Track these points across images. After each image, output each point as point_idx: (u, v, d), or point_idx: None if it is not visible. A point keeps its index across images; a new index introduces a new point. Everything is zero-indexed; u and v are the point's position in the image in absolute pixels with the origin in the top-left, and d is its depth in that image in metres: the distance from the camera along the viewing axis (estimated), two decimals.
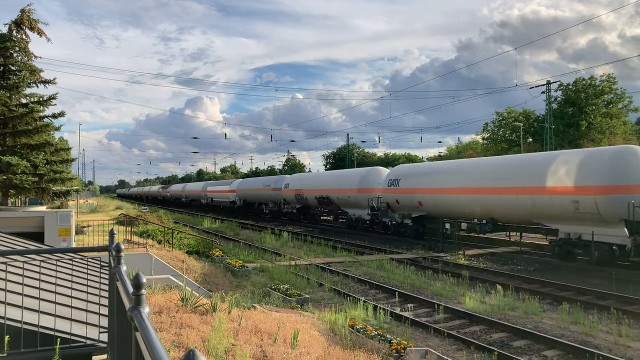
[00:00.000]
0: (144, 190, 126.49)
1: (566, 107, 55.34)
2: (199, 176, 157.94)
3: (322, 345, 8.26)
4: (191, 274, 17.00)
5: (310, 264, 20.66)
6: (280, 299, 13.85)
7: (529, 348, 10.73)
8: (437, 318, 13.02)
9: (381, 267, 19.99)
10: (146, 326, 2.07)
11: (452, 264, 20.92)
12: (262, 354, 7.11)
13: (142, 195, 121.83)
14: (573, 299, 14.28)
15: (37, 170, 22.26)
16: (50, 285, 6.42)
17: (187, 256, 20.07)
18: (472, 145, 72.40)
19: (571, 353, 10.13)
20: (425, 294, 15.79)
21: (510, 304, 13.96)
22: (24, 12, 23.09)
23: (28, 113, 22.30)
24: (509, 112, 60.83)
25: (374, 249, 25.51)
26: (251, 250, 26.18)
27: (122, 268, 3.82)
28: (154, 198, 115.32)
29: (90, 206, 67.52)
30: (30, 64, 23.49)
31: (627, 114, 55.78)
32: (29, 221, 17.50)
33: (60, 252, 8.45)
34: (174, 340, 7.06)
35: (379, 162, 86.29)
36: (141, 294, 2.44)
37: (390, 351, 9.41)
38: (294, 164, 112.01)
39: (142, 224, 28.15)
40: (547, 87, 52.36)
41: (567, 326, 12.10)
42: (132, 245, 19.56)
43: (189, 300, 9.31)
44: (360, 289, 16.61)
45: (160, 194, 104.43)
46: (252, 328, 8.47)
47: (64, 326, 5.58)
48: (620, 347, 10.59)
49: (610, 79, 53.89)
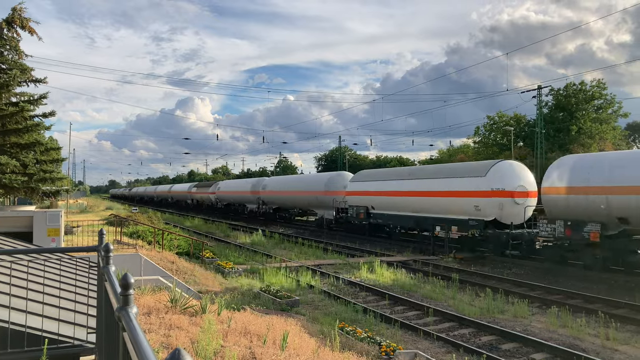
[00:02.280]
0: (138, 192, 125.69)
1: (557, 111, 55.72)
2: (190, 177, 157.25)
3: (311, 347, 8.26)
4: (181, 275, 16.93)
5: (301, 265, 20.65)
6: (270, 301, 13.83)
7: (517, 351, 10.79)
8: (427, 321, 13.05)
9: (372, 269, 20.01)
10: (133, 326, 2.07)
11: (442, 267, 21.00)
12: (251, 355, 7.09)
13: (139, 196, 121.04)
14: (562, 303, 14.37)
15: (26, 170, 22.07)
16: (38, 285, 6.38)
17: (177, 257, 20.01)
18: (463, 149, 72.62)
19: (559, 356, 10.20)
20: (415, 296, 15.84)
21: (500, 307, 14.04)
22: (15, 11, 22.91)
23: (18, 112, 22.11)
24: (500, 116, 61.14)
25: (364, 251, 25.57)
26: (241, 251, 26.13)
27: (111, 268, 3.80)
28: (149, 199, 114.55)
29: (80, 206, 67.13)
30: (21, 63, 23.29)
31: (616, 120, 56.27)
32: (17, 221, 17.37)
33: (49, 252, 8.40)
34: (162, 341, 7.03)
35: (370, 165, 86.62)
36: (129, 294, 2.43)
37: (379, 353, 9.43)
38: (285, 166, 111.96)
39: (132, 225, 28.02)
40: (538, 92, 52.72)
41: (555, 329, 12.19)
42: (122, 245, 19.47)
43: (178, 302, 9.28)
44: (350, 291, 16.63)
45: (160, 195, 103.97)
46: (242, 330, 8.45)
47: (52, 326, 5.55)
48: (608, 350, 10.68)
49: (601, 84, 54.34)
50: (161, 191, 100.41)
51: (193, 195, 73.56)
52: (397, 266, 20.49)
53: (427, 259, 22.94)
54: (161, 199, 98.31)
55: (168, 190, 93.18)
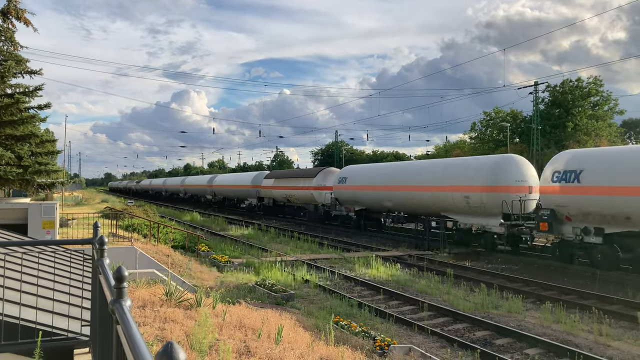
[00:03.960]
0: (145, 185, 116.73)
1: (553, 108, 55.83)
2: (186, 171, 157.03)
3: (306, 341, 8.28)
4: (176, 268, 16.93)
5: (296, 260, 20.67)
6: (265, 295, 13.84)
7: (511, 346, 10.84)
8: (422, 315, 13.09)
9: (367, 264, 20.06)
10: (127, 319, 2.06)
11: (437, 262, 21.06)
12: (245, 349, 7.11)
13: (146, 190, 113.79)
14: (556, 298, 14.43)
15: (21, 162, 21.99)
16: (33, 277, 6.36)
17: (173, 251, 20.00)
18: (459, 144, 72.72)
19: (552, 351, 10.25)
20: (410, 291, 15.88)
21: (494, 303, 14.09)
22: (10, 2, 22.76)
23: (13, 104, 21.98)
24: (496, 112, 61.24)
25: (360, 246, 25.61)
26: (237, 245, 26.13)
27: (105, 261, 3.80)
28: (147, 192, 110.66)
29: (76, 199, 66.94)
30: (17, 54, 23.16)
31: (612, 117, 56.43)
32: (12, 213, 17.31)
33: (43, 244, 8.38)
34: (157, 334, 7.04)
35: (367, 160, 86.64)
36: (123, 287, 2.43)
37: (374, 348, 9.45)
38: (282, 160, 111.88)
39: (128, 218, 27.96)
40: (535, 88, 52.79)
41: (549, 325, 12.24)
42: (117, 238, 19.43)
43: (173, 295, 9.28)
44: (345, 286, 16.66)
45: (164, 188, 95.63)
46: (237, 323, 8.46)
47: (46, 319, 5.54)
48: (601, 346, 10.73)
49: (597, 81, 54.44)
50: (172, 184, 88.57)
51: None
52: (393, 261, 20.53)
53: (422, 254, 22.99)
54: (171, 192, 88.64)
55: (181, 184, 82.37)
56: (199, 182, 71.19)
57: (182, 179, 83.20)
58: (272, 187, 46.85)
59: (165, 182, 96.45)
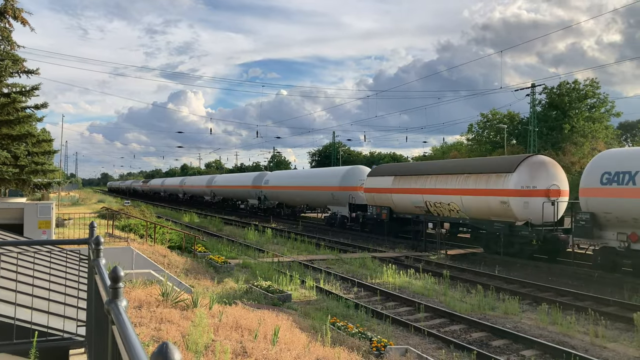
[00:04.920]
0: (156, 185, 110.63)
1: (550, 110, 55.90)
2: (183, 171, 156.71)
3: (302, 342, 8.27)
4: (173, 269, 16.90)
5: (293, 260, 20.65)
6: (262, 296, 13.82)
7: (507, 347, 10.85)
8: (418, 317, 13.10)
9: (364, 265, 20.05)
10: (122, 319, 2.05)
11: (434, 264, 21.05)
12: (242, 349, 7.09)
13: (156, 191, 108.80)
14: (552, 300, 14.45)
15: (18, 162, 21.94)
16: (28, 277, 6.34)
17: (169, 251, 19.95)
18: (456, 146, 72.77)
19: (549, 353, 10.26)
20: (407, 292, 15.88)
21: (491, 304, 14.10)
22: (7, 1, 22.71)
23: (10, 103, 21.94)
24: (493, 114, 61.31)
25: (357, 247, 25.59)
26: (234, 246, 26.09)
27: (101, 261, 3.78)
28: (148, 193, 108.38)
29: (72, 199, 66.73)
30: (13, 53, 23.11)
31: (609, 119, 56.53)
32: (7, 213, 17.24)
33: (39, 244, 8.35)
34: (153, 335, 7.01)
35: (364, 161, 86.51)
36: (119, 287, 2.42)
37: (370, 349, 9.45)
38: (279, 161, 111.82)
39: (125, 218, 27.89)
40: (532, 90, 52.88)
41: (545, 326, 12.26)
42: (114, 239, 19.38)
43: (169, 295, 9.26)
44: (342, 287, 16.64)
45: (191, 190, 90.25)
46: (233, 324, 8.44)
47: (41, 319, 5.51)
48: (597, 347, 10.75)
49: (594, 83, 54.55)
50: (191, 184, 77.09)
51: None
52: (389, 262, 20.51)
53: (419, 255, 22.99)
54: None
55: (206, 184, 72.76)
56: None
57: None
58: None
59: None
